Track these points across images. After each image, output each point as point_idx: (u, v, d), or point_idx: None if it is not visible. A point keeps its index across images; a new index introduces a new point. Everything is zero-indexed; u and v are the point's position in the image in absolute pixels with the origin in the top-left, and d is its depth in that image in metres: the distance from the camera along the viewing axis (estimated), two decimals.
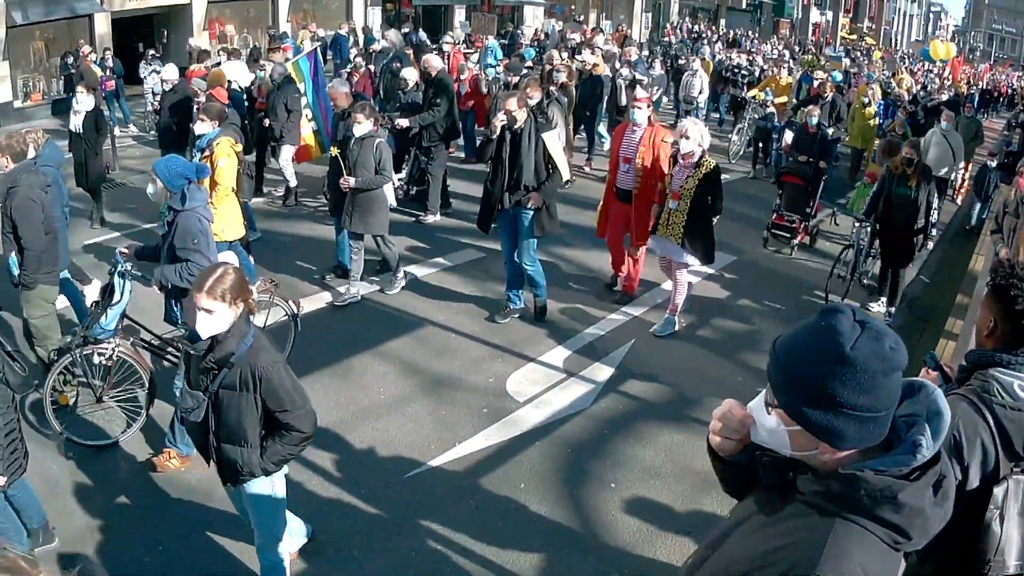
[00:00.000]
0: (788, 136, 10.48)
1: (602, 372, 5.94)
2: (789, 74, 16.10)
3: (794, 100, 13.79)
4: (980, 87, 27.95)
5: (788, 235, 9.13)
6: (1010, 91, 31.33)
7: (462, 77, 11.65)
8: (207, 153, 6.34)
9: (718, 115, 16.87)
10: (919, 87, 19.85)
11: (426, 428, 5.19)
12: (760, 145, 12.84)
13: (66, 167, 6.57)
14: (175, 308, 4.68)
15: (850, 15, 54.27)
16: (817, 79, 13.48)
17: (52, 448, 4.75)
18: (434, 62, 9.49)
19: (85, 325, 4.78)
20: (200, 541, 4.06)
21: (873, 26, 56.45)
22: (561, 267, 7.98)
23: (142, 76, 14.48)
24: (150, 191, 4.69)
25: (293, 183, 9.65)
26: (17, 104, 15.75)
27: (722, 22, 38.01)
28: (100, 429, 4.94)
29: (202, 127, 6.63)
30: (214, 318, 3.05)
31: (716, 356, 6.40)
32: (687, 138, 6.15)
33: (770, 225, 9.24)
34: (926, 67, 31.24)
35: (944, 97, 15.19)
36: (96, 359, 4.75)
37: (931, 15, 78.49)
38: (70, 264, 6.57)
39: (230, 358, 3.07)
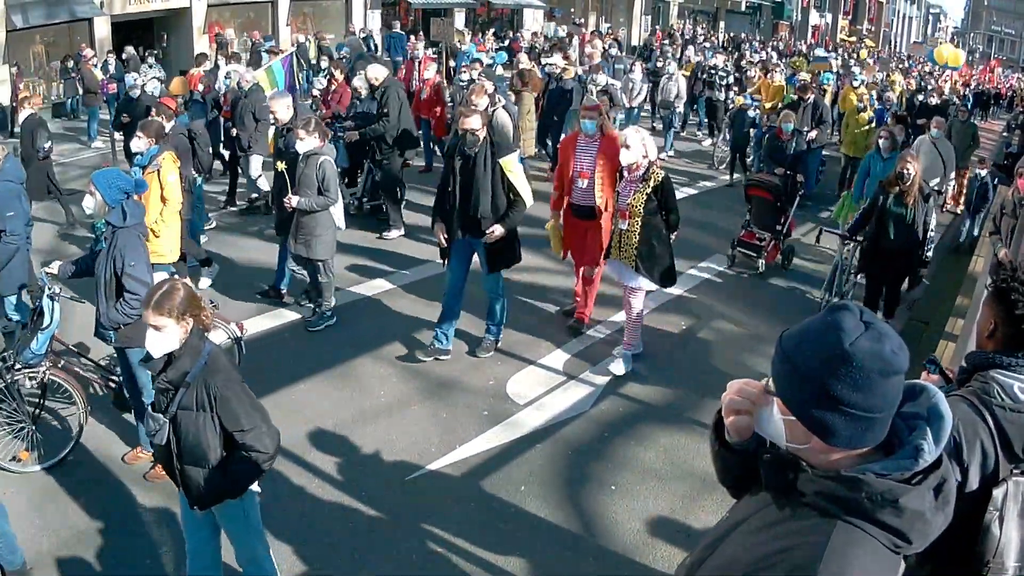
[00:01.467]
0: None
1: (602, 375, 5.93)
2: (784, 78, 15.55)
3: (780, 104, 13.17)
4: (973, 88, 27.73)
5: (755, 254, 8.35)
6: (1009, 93, 31.29)
7: (426, 77, 11.16)
8: (150, 170, 5.93)
9: (697, 119, 16.36)
10: (913, 89, 18.92)
11: (426, 430, 5.19)
12: (738, 154, 12.37)
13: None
14: (108, 330, 4.42)
15: (849, 17, 54.33)
16: (800, 80, 12.72)
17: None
18: (376, 73, 8.80)
19: (15, 350, 4.60)
20: None
21: (872, 28, 56.54)
22: (557, 269, 7.98)
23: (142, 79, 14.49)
24: (88, 205, 4.46)
25: (265, 188, 9.11)
26: None
27: (721, 25, 38.05)
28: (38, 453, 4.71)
29: (139, 144, 6.18)
30: (163, 335, 2.98)
31: (715, 358, 6.41)
32: (627, 147, 5.52)
33: (736, 242, 8.51)
34: (925, 69, 30.73)
35: (933, 101, 14.38)
36: (28, 383, 4.64)
37: (930, 17, 78.60)
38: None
39: (185, 377, 3.00)
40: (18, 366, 4.55)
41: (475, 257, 5.99)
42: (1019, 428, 2.31)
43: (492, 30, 25.14)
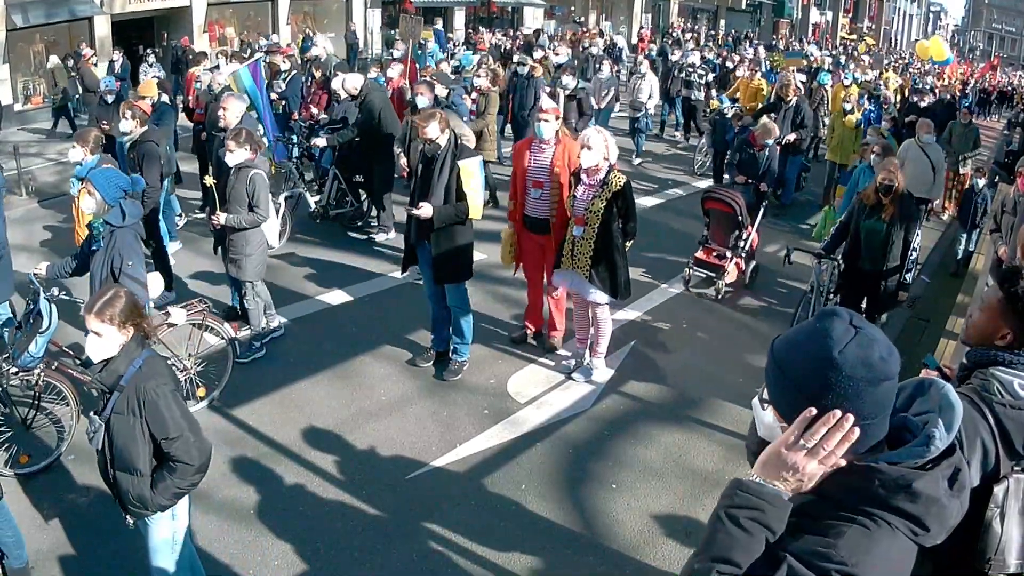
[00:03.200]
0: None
1: (603, 373, 5.93)
2: (763, 77, 14.36)
3: (760, 105, 12.15)
4: (975, 86, 27.31)
5: (714, 274, 7.51)
6: (1010, 90, 31.16)
7: (390, 76, 10.92)
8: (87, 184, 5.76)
9: (674, 120, 15.35)
10: (909, 90, 17.40)
11: (427, 429, 5.19)
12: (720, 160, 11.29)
13: None
14: None
15: (850, 15, 54.32)
16: (785, 80, 11.20)
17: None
18: (352, 83, 8.53)
19: (11, 355, 4.54)
20: (200, 543, 4.05)
21: (873, 26, 56.51)
22: None
23: (141, 79, 14.49)
24: (88, 206, 4.41)
25: None
26: (17, 107, 15.77)
27: (722, 23, 38.04)
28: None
29: (75, 154, 6.06)
30: (103, 341, 2.97)
31: (716, 357, 6.40)
32: (589, 148, 5.21)
33: (692, 262, 7.67)
34: (922, 67, 29.86)
35: (926, 101, 12.88)
36: (22, 387, 4.61)
37: (931, 15, 78.56)
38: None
39: (119, 381, 2.99)
40: (13, 370, 4.51)
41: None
42: (1019, 425, 2.31)
43: (492, 29, 25.10)
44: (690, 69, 14.49)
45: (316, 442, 5.01)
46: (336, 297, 7.19)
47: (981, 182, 9.09)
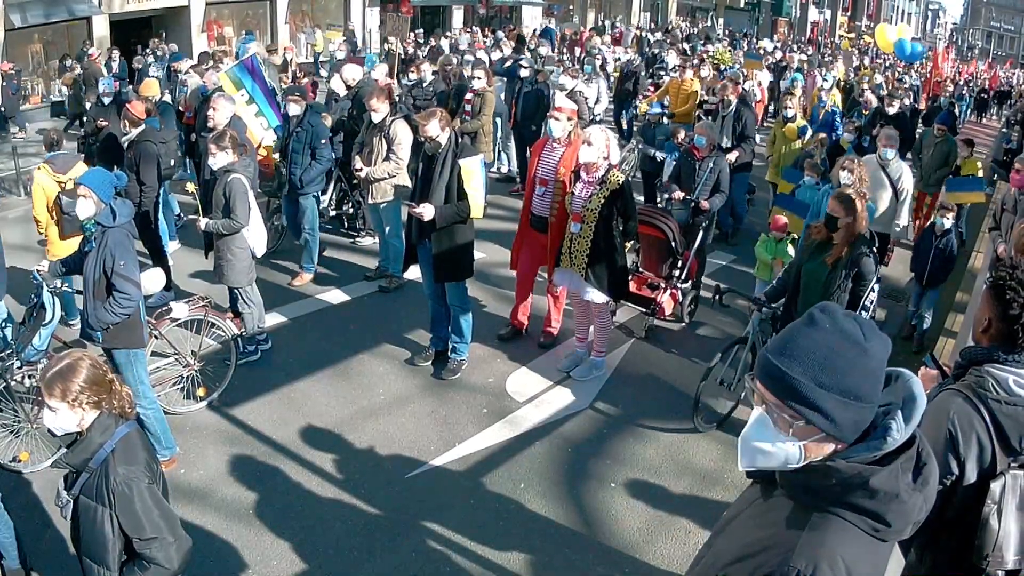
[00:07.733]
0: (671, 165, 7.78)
1: (602, 372, 5.92)
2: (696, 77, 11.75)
3: (699, 112, 10.59)
4: (968, 86, 26.53)
5: (644, 308, 6.55)
6: (1008, 89, 31.00)
7: (377, 77, 10.47)
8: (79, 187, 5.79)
9: (626, 128, 13.66)
10: (886, 92, 13.76)
11: (426, 428, 5.20)
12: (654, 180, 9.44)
13: None
14: (96, 331, 4.36)
15: (848, 13, 54.32)
16: (729, 80, 9.43)
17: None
18: (351, 73, 8.49)
19: (15, 349, 4.51)
20: (200, 541, 4.05)
21: (872, 24, 56.50)
22: None
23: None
24: (87, 211, 4.27)
25: None
26: None
27: (720, 21, 38.02)
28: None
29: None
30: (56, 416, 2.56)
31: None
32: (589, 145, 5.22)
33: None
34: (916, 67, 28.34)
35: (894, 107, 10.60)
36: (27, 382, 4.57)
37: (929, 13, 78.54)
38: None
39: (87, 463, 2.59)
40: (18, 364, 4.52)
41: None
42: (1015, 421, 2.31)
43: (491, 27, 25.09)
44: (660, 72, 13.73)
45: (315, 441, 5.01)
46: (335, 296, 7.19)
47: (947, 222, 6.65)
